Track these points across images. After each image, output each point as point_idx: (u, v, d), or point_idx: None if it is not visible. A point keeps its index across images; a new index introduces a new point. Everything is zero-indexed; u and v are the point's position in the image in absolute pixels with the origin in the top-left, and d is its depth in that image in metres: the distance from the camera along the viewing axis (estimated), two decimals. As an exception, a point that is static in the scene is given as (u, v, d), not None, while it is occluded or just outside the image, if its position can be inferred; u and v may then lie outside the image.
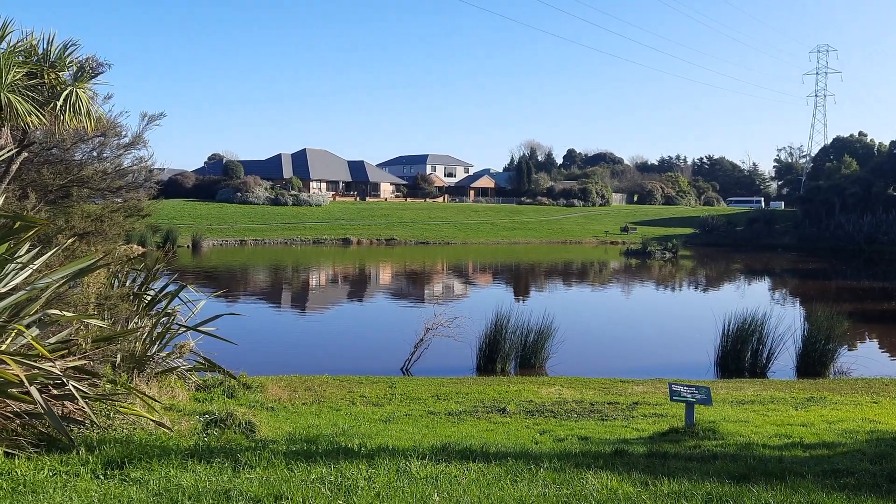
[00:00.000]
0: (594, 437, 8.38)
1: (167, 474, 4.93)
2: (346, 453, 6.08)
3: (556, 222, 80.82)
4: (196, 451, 5.66)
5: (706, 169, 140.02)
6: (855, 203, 71.01)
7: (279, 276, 38.93)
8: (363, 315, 26.14)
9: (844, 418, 9.76)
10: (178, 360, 10.62)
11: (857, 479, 5.73)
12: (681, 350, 19.48)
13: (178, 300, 10.76)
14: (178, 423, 7.29)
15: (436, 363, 15.82)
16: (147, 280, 10.70)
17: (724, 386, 13.56)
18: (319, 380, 13.31)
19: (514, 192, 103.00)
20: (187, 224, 59.79)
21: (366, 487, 4.78)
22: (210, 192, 76.48)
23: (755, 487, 5.14)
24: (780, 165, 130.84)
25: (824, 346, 16.18)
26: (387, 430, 8.61)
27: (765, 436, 8.24)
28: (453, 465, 5.70)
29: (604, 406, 11.18)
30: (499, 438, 8.13)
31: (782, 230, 76.86)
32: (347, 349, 18.66)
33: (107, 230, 9.66)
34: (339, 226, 67.93)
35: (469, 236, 69.50)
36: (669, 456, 6.83)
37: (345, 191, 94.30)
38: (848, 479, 5.73)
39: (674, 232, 75.63)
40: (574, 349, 17.58)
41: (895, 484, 5.64)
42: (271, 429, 7.79)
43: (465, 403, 11.35)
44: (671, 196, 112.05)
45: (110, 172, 9.96)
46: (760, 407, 11.02)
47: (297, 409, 10.49)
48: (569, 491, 4.89)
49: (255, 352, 16.94)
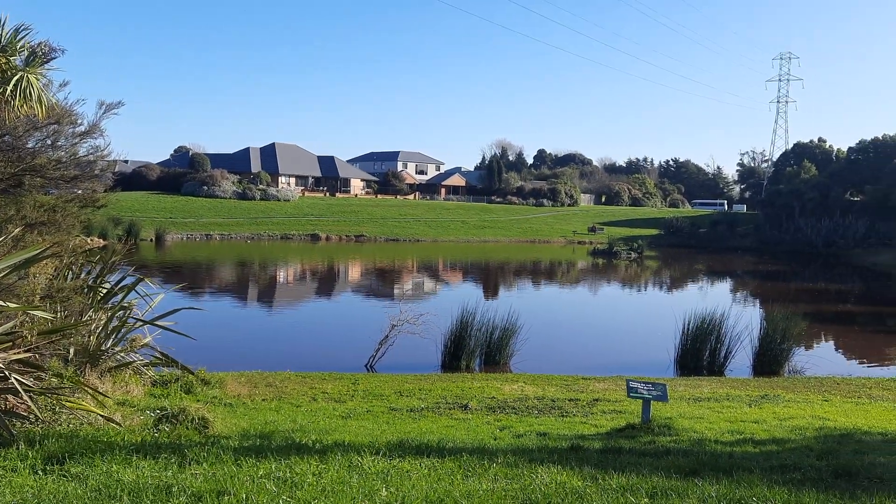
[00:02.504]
0: (552, 433, 8.42)
1: (109, 470, 4.82)
2: (300, 449, 6.02)
3: (525, 221, 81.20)
4: (143, 446, 5.56)
5: (672, 171, 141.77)
6: (814, 207, 72.50)
7: (245, 271, 38.52)
8: (329, 311, 25.98)
9: (795, 415, 9.96)
10: (133, 355, 10.44)
11: (802, 475, 5.84)
12: (643, 348, 19.71)
13: (136, 294, 10.58)
14: (130, 419, 7.17)
15: (401, 360, 15.79)
16: (103, 272, 10.48)
17: (682, 383, 13.73)
18: (281, 376, 13.18)
19: (484, 191, 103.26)
20: (151, 217, 58.82)
21: (313, 483, 4.73)
22: (175, 185, 75.39)
23: (701, 482, 5.21)
24: (742, 169, 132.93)
25: (780, 346, 16.51)
26: (345, 427, 8.56)
27: (718, 432, 8.36)
28: (407, 461, 5.68)
29: (565, 402, 11.25)
30: (458, 434, 8.13)
31: (744, 233, 78.23)
32: (311, 346, 18.53)
33: (60, 221, 9.42)
34: (308, 221, 67.41)
35: (439, 234, 69.50)
36: (623, 451, 6.90)
37: (314, 186, 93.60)
38: (794, 475, 5.84)
39: (640, 233, 76.50)
40: (538, 347, 17.68)
41: (839, 479, 5.76)
42: (226, 425, 7.69)
43: (428, 400, 11.34)
44: (638, 197, 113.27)
45: (65, 161, 9.70)
46: (716, 404, 11.19)
47: (256, 405, 10.37)
48: (518, 485, 4.90)
49: (216, 347, 16.73)
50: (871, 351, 20.86)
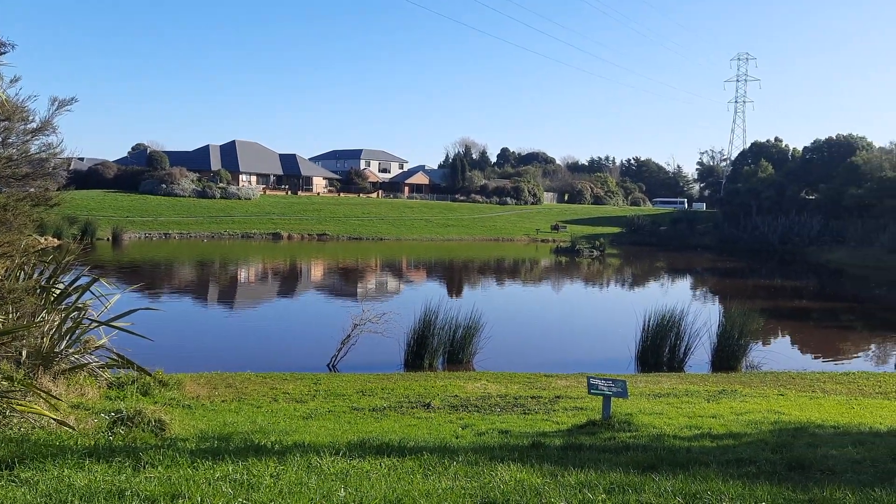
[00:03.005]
0: (514, 431, 8.46)
1: (60, 475, 4.70)
2: (258, 450, 5.94)
3: (489, 220, 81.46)
4: (96, 450, 5.43)
5: (633, 170, 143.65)
6: (770, 205, 74.10)
7: (205, 270, 37.93)
8: (291, 311, 25.73)
9: (752, 410, 10.17)
10: (88, 357, 10.21)
11: (757, 468, 5.96)
12: (604, 345, 19.93)
13: (91, 294, 10.34)
14: (84, 422, 7.00)
15: (363, 359, 15.71)
16: (56, 273, 10.22)
17: (642, 380, 13.92)
18: (242, 377, 13.02)
19: (448, 190, 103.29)
20: (108, 216, 57.57)
21: (270, 485, 4.68)
22: (133, 184, 73.93)
23: (658, 477, 5.28)
24: (702, 168, 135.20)
25: (737, 342, 16.84)
26: (306, 427, 8.48)
27: (676, 427, 8.49)
28: (367, 461, 5.65)
29: (527, 400, 11.32)
30: (420, 433, 8.12)
31: (703, 230, 79.59)
32: (273, 346, 18.31)
33: (11, 220, 9.14)
34: (270, 220, 66.67)
35: (403, 232, 69.33)
36: (584, 448, 6.96)
37: (276, 184, 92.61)
38: (749, 468, 5.96)
39: (602, 231, 77.33)
40: (502, 345, 17.75)
41: (792, 472, 5.89)
42: (184, 427, 7.56)
43: (391, 399, 11.30)
44: (600, 196, 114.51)
45: (16, 159, 9.43)
46: (675, 399, 11.37)
47: (215, 406, 10.23)
48: (477, 483, 4.91)
49: (174, 348, 16.46)
50: (826, 346, 21.40)
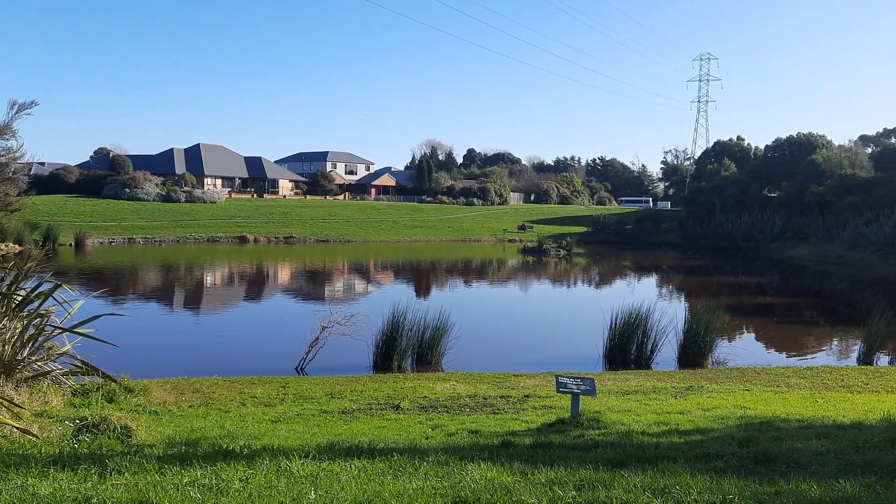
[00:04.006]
0: (484, 430, 8.49)
1: (24, 484, 4.60)
2: (227, 455, 5.88)
3: (456, 220, 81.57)
4: (61, 458, 5.34)
5: (599, 170, 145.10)
6: (733, 203, 75.32)
7: (170, 275, 37.37)
8: (258, 314, 25.48)
9: (718, 405, 10.33)
10: (52, 364, 10.02)
11: (724, 462, 6.06)
12: (572, 344, 20.09)
13: (54, 300, 10.15)
14: (48, 430, 6.86)
15: (332, 362, 15.62)
16: (17, 279, 10.01)
17: (610, 377, 14.06)
18: (209, 381, 12.87)
19: (415, 191, 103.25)
20: (70, 221, 56.40)
21: (240, 489, 4.63)
22: (96, 188, 72.60)
23: (627, 473, 5.34)
24: (666, 167, 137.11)
25: (703, 339, 17.10)
26: (275, 431, 8.42)
27: (645, 424, 8.59)
28: (337, 463, 5.63)
29: (496, 400, 11.36)
30: (390, 435, 8.11)
31: (668, 229, 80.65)
32: (240, 350, 18.12)
33: (-32, 225, 8.95)
34: (236, 223, 65.91)
35: (370, 234, 69.09)
36: (553, 446, 7.01)
37: (241, 187, 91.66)
38: (717, 462, 6.06)
39: (568, 230, 77.90)
40: (470, 345, 17.79)
41: (759, 465, 6.00)
42: (151, 433, 7.45)
43: (360, 401, 11.26)
44: (566, 195, 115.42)
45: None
46: (643, 396, 11.50)
47: (182, 412, 10.10)
48: (448, 483, 4.92)
49: (140, 354, 16.21)
50: (790, 341, 21.83)
